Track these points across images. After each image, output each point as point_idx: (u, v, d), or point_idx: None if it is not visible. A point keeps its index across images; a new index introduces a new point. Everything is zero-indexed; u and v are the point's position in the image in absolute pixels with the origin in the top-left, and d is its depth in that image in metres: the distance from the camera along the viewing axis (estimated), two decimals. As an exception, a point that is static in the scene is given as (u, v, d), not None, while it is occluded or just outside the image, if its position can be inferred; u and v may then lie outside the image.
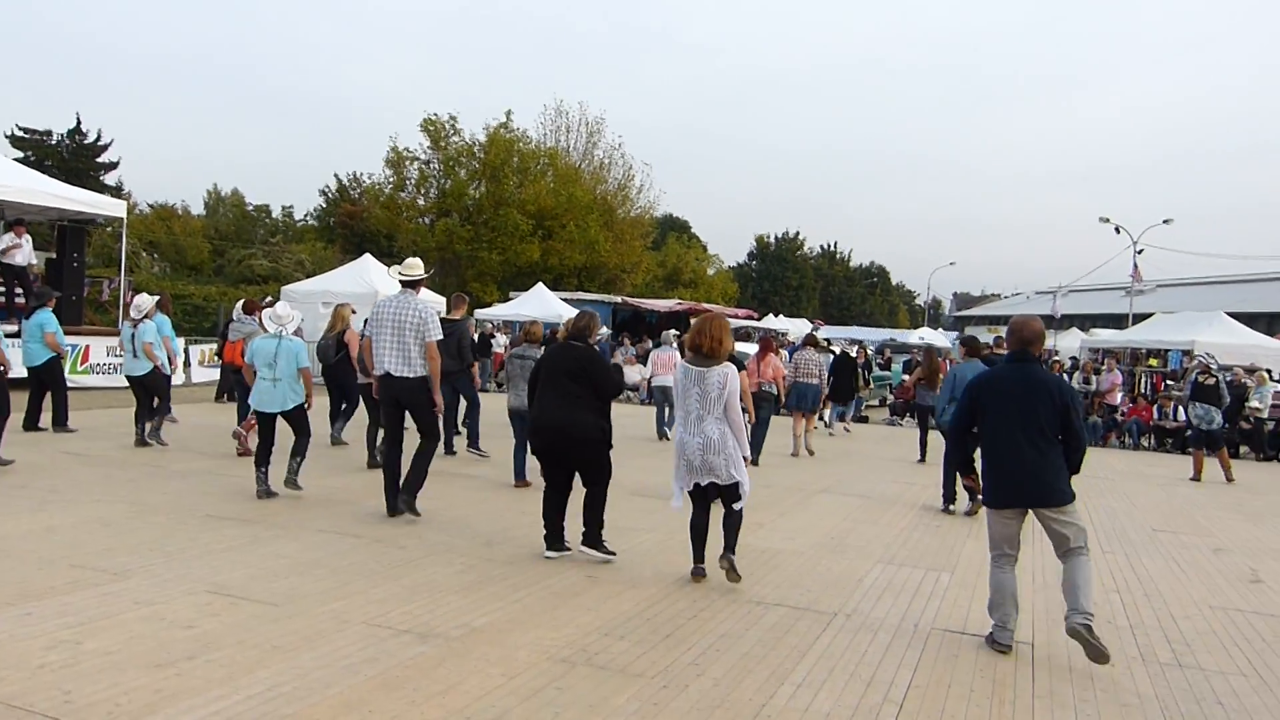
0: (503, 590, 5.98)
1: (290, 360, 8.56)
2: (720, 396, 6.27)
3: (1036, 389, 5.40)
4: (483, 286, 39.83)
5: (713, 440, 6.27)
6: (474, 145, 43.86)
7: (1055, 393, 5.39)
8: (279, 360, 8.51)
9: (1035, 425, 5.34)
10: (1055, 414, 5.35)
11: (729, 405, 6.31)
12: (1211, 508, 11.54)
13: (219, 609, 5.27)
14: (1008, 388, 5.48)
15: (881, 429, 20.76)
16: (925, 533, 8.75)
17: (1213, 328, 23.78)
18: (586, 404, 6.82)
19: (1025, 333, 5.62)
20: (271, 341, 8.60)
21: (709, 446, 6.27)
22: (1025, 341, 5.61)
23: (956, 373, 10.45)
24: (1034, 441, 5.34)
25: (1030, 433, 5.35)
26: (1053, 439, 5.37)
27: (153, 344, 11.35)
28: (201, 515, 7.63)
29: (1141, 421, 20.00)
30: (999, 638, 5.46)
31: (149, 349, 11.31)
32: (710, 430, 6.28)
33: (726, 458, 6.28)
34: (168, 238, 47.79)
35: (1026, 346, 5.60)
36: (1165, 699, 4.81)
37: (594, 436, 6.83)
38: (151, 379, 11.42)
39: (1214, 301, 39.74)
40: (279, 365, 8.51)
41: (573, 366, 6.86)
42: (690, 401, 6.34)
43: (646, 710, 4.22)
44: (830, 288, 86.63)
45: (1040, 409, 5.35)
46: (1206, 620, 6.35)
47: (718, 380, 6.28)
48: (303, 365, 8.64)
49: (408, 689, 4.29)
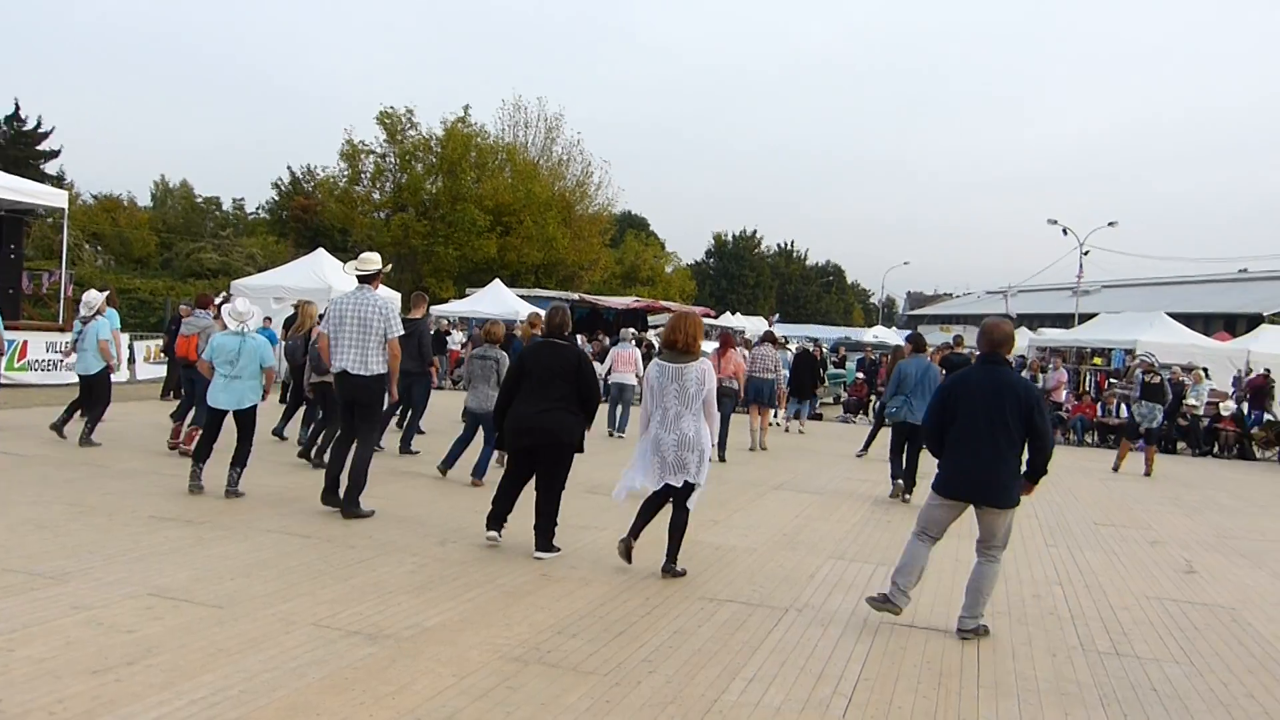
0: (454, 590, 5.94)
1: (253, 358, 8.42)
2: (699, 393, 6.35)
3: (1003, 391, 5.55)
4: (439, 283, 39.51)
5: (689, 437, 6.34)
6: (431, 139, 43.46)
7: (1021, 395, 5.55)
8: (241, 358, 8.37)
9: (1000, 426, 5.51)
10: (1020, 416, 5.50)
11: (707, 401, 6.37)
12: (1149, 501, 11.84)
13: (161, 612, 5.17)
14: (977, 388, 5.64)
15: (835, 426, 20.96)
16: (876, 528, 8.86)
17: (1154, 328, 24.40)
18: (572, 406, 6.81)
19: (996, 335, 5.78)
20: (234, 339, 8.45)
21: (684, 443, 6.33)
22: (996, 344, 5.76)
23: (901, 368, 10.67)
24: (995, 441, 5.51)
25: (994, 433, 5.51)
26: (1015, 440, 5.54)
27: (108, 341, 11.10)
28: (144, 516, 7.47)
29: (1086, 418, 20.42)
30: (892, 596, 5.69)
31: (105, 346, 11.02)
32: (687, 427, 6.34)
33: (700, 454, 6.37)
34: (112, 230, 46.77)
35: (997, 349, 5.76)
36: (1104, 686, 4.94)
37: (575, 441, 6.86)
38: (100, 378, 11.15)
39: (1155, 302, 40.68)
40: (240, 363, 8.37)
41: (566, 368, 6.82)
42: (668, 399, 6.39)
43: (599, 708, 4.23)
44: (787, 286, 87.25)
45: (1006, 410, 5.50)
46: (1143, 610, 6.52)
47: (696, 377, 6.35)
48: (268, 364, 8.51)
49: (357, 690, 4.25)
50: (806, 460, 13.86)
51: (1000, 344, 5.76)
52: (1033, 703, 4.64)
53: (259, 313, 8.94)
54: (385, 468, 10.32)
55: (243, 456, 8.50)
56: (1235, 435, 19.10)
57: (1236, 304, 46.47)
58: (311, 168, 52.20)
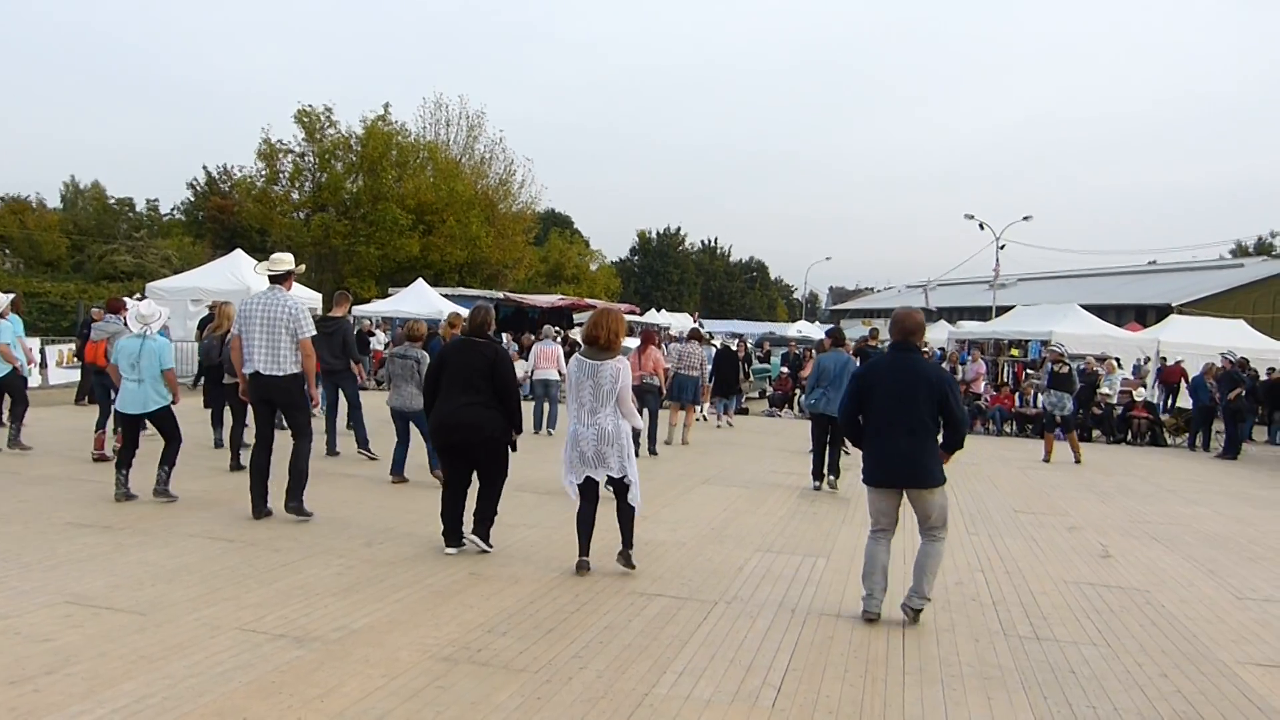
0: (383, 591, 5.89)
1: (153, 361, 8.23)
2: (613, 389, 6.38)
3: (916, 378, 5.71)
4: (361, 282, 38.93)
5: (607, 432, 6.38)
6: (351, 138, 42.77)
7: (934, 381, 5.72)
8: (142, 360, 8.18)
9: (914, 411, 5.67)
10: (934, 401, 5.67)
11: (621, 397, 6.41)
12: (1067, 488, 12.22)
13: (80, 620, 5.03)
14: (889, 376, 5.79)
15: (761, 420, 21.20)
16: (803, 520, 9.01)
17: (1068, 319, 25.19)
18: (490, 402, 6.81)
19: (908, 324, 5.92)
20: (135, 341, 8.26)
21: (603, 438, 6.38)
22: (907, 332, 5.91)
23: (821, 361, 10.91)
24: (911, 427, 5.67)
25: (908, 419, 5.67)
26: (930, 425, 5.71)
27: (9, 345, 10.81)
28: (61, 523, 7.25)
29: (1004, 409, 20.99)
30: (866, 605, 5.83)
31: (6, 350, 10.75)
32: (604, 422, 6.39)
33: (620, 449, 6.41)
34: (20, 232, 45.17)
35: (908, 337, 5.91)
36: (1024, 670, 5.10)
37: (502, 435, 6.87)
38: (9, 381, 10.84)
39: (1070, 294, 41.95)
40: (142, 366, 8.18)
41: (482, 364, 6.83)
42: (584, 394, 6.43)
43: (530, 705, 4.24)
44: (711, 282, 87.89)
45: (919, 396, 5.67)
46: (1062, 595, 6.73)
47: (610, 373, 6.40)
48: (166, 366, 8.31)
49: (285, 694, 4.19)
50: (733, 454, 14.01)
51: (911, 332, 5.91)
52: (956, 688, 4.78)
53: (164, 314, 8.75)
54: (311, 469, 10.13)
55: (169, 455, 8.33)
56: (1148, 423, 19.81)
57: (1147, 295, 48.20)
58: (228, 167, 50.94)
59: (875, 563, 5.84)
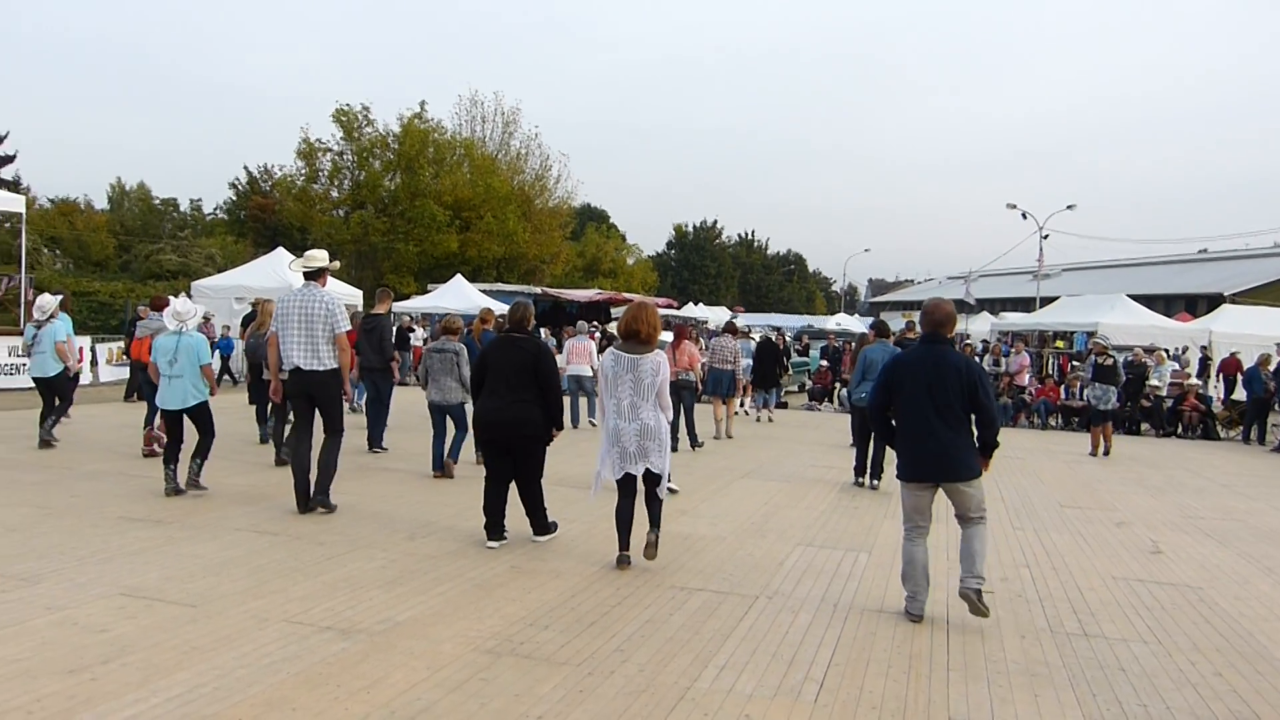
0: (426, 584, 5.95)
1: (190, 357, 8.38)
2: (654, 383, 6.39)
3: (946, 369, 5.62)
4: (400, 279, 39.27)
5: (649, 427, 6.39)
6: (388, 136, 43.15)
7: (964, 372, 5.62)
8: (179, 357, 8.33)
9: (945, 404, 5.59)
10: (963, 393, 5.58)
11: (660, 392, 6.41)
12: (1114, 483, 12.03)
13: (134, 612, 5.14)
14: (919, 368, 5.70)
15: (800, 414, 21.10)
16: (844, 515, 8.95)
17: (1115, 310, 24.76)
18: (534, 399, 6.86)
19: (937, 315, 5.83)
20: (172, 338, 8.42)
21: (645, 433, 6.38)
22: (937, 324, 5.82)
23: (866, 354, 10.77)
24: (944, 419, 5.59)
25: (941, 411, 5.59)
26: (963, 417, 5.62)
27: (64, 343, 11.11)
28: (113, 517, 7.41)
29: (1049, 401, 20.69)
30: (910, 608, 5.75)
31: (61, 349, 11.07)
32: (647, 417, 6.39)
33: (660, 443, 6.43)
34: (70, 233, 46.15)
35: (938, 328, 5.82)
36: (1072, 667, 5.02)
37: (543, 433, 6.93)
38: (59, 380, 11.11)
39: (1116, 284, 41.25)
40: (179, 362, 8.33)
41: (526, 361, 6.88)
42: (623, 389, 6.42)
43: (572, 698, 4.26)
44: (748, 275, 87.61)
45: (950, 388, 5.58)
46: (1110, 591, 6.63)
47: (651, 367, 6.39)
48: (204, 361, 8.47)
49: (331, 685, 4.25)
50: (772, 448, 13.96)
51: (941, 324, 5.82)
52: (1002, 684, 4.73)
53: (200, 311, 8.92)
54: (353, 464, 10.28)
55: (203, 449, 8.51)
56: (1199, 415, 19.40)
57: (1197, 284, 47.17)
58: (269, 167, 51.69)
59: (915, 564, 5.75)
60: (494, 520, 7.01)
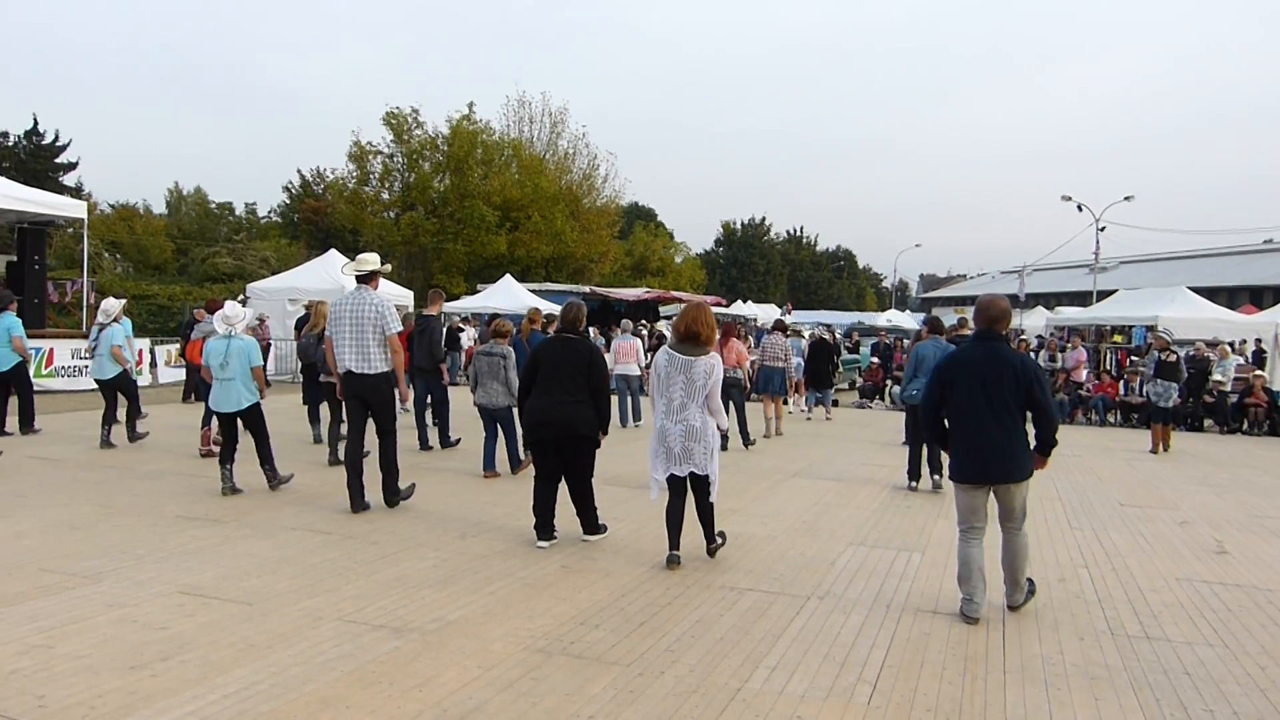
0: (477, 583, 5.98)
1: (242, 360, 8.51)
2: (705, 385, 6.37)
3: (1001, 367, 5.51)
4: (449, 279, 39.65)
5: (695, 428, 6.36)
6: (437, 138, 43.58)
7: (1019, 369, 5.50)
8: (230, 360, 8.47)
9: (1000, 402, 5.48)
10: (1019, 390, 5.47)
11: (711, 394, 6.38)
12: (1176, 481, 11.73)
13: (192, 609, 5.23)
14: (973, 366, 5.60)
15: (851, 412, 20.88)
16: (896, 514, 8.84)
17: (1175, 303, 24.11)
18: (586, 399, 6.89)
19: (992, 311, 5.72)
20: (222, 342, 8.55)
21: (690, 434, 6.36)
22: (991, 320, 5.71)
23: (919, 351, 10.59)
24: (999, 418, 5.49)
25: (995, 410, 5.49)
26: (1017, 416, 5.51)
27: (121, 347, 11.34)
28: (171, 516, 7.56)
29: (1107, 397, 20.26)
30: (966, 610, 5.64)
31: (118, 352, 11.27)
32: (693, 418, 6.37)
33: (706, 446, 6.39)
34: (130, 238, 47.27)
35: (992, 325, 5.70)
36: (1134, 670, 4.89)
37: (592, 433, 6.95)
38: (121, 382, 11.37)
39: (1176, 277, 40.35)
40: (231, 365, 8.47)
41: (579, 362, 6.92)
42: (675, 389, 6.41)
43: (622, 697, 4.25)
44: (797, 272, 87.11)
45: (1005, 386, 5.47)
46: (1173, 592, 6.46)
47: (704, 369, 6.38)
48: (255, 364, 8.59)
49: (384, 683, 4.29)
50: (823, 446, 13.84)
51: (996, 320, 5.70)
52: (1061, 687, 4.62)
53: (249, 314, 9.07)
54: (404, 464, 10.34)
55: (265, 455, 8.69)
56: (1265, 411, 18.81)
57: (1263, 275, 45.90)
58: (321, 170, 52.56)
59: (971, 565, 5.65)
60: (544, 520, 7.03)
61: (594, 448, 7.07)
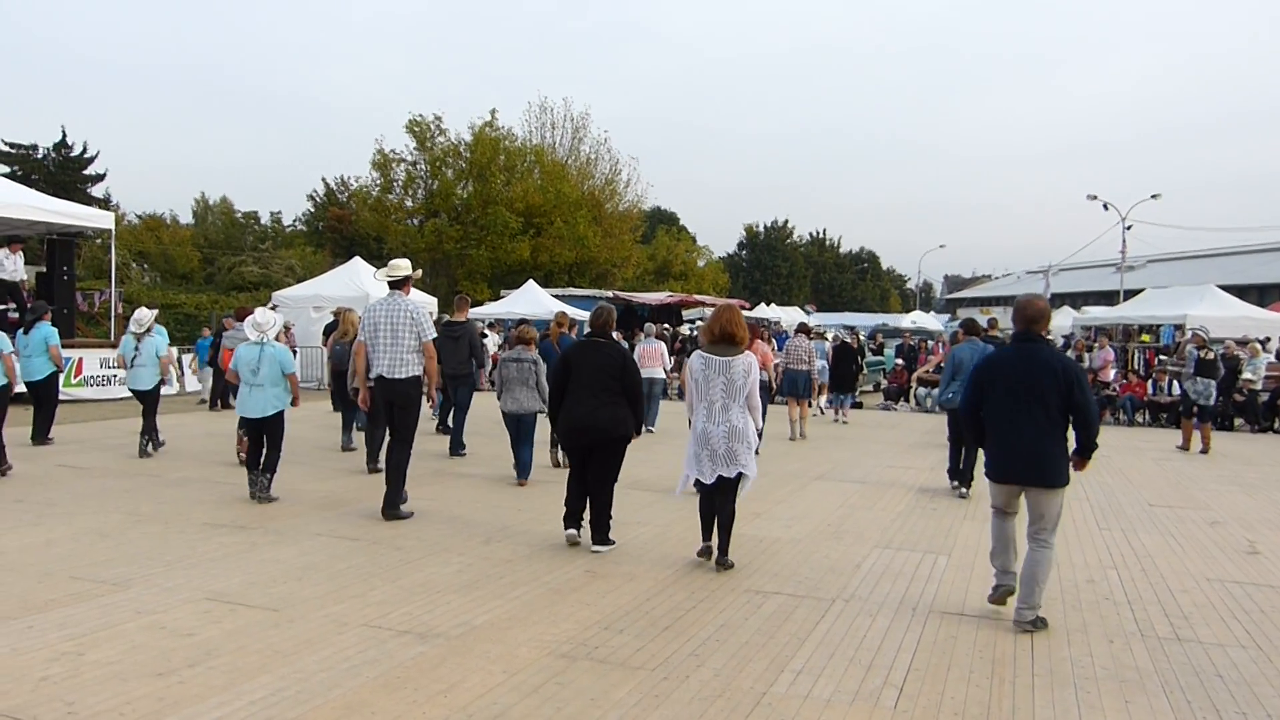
0: (501, 588, 5.99)
1: (274, 366, 8.56)
2: (744, 385, 6.40)
3: (1040, 368, 5.44)
4: (473, 285, 39.80)
5: (737, 429, 6.40)
6: (460, 145, 43.80)
7: (1059, 371, 5.41)
8: (262, 367, 8.52)
9: (1039, 404, 5.40)
10: (1059, 393, 5.38)
11: (751, 393, 6.42)
12: (1207, 480, 11.58)
13: (219, 616, 5.27)
14: (1010, 367, 5.55)
15: (876, 414, 20.78)
16: (922, 516, 8.78)
17: (1204, 301, 23.82)
18: (620, 401, 6.93)
19: (1029, 312, 5.66)
20: (254, 349, 8.61)
21: (734, 434, 6.39)
22: (1029, 320, 5.64)
23: (955, 354, 10.48)
24: (1036, 421, 5.41)
25: (1034, 411, 5.41)
26: (1057, 418, 5.41)
27: (168, 357, 11.58)
28: (198, 523, 7.63)
29: (1135, 397, 20.04)
30: (1000, 581, 5.68)
31: (165, 362, 11.53)
32: (735, 419, 6.41)
33: (748, 445, 6.44)
34: (157, 248, 47.74)
35: (1030, 325, 5.64)
36: (1165, 673, 4.83)
37: (628, 434, 7.00)
38: (152, 394, 11.47)
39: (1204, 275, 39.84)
40: (262, 371, 8.52)
41: (612, 366, 6.95)
42: (715, 391, 6.44)
43: (647, 702, 4.24)
44: (821, 275, 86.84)
45: (1044, 388, 5.39)
46: (1204, 593, 6.37)
47: (743, 369, 6.42)
48: (289, 370, 8.64)
49: (409, 689, 4.30)
50: (847, 449, 13.77)
51: (1034, 320, 5.63)
52: (1090, 691, 4.57)
53: (279, 321, 9.09)
54: (429, 469, 10.44)
55: (271, 463, 8.65)
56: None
57: (1293, 273, 45.27)
58: (345, 178, 52.89)
59: (1004, 538, 5.70)
60: (574, 511, 7.08)
61: (624, 449, 7.10)
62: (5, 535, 7.08)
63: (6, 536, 7.04)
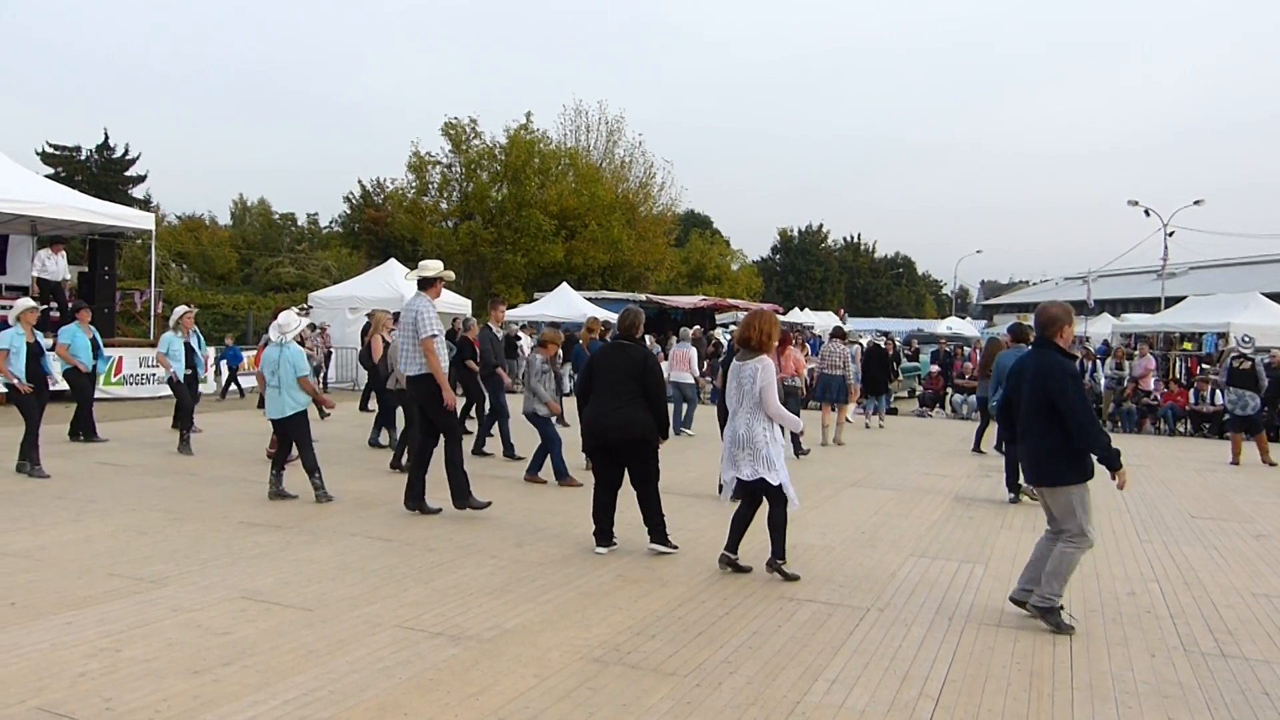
0: (533, 591, 5.98)
1: (289, 369, 8.60)
2: (752, 389, 6.34)
3: (1035, 374, 5.63)
4: (507, 288, 40.01)
5: (739, 436, 6.38)
6: (495, 147, 44.07)
7: (1037, 377, 5.59)
8: (280, 369, 8.59)
9: (1039, 409, 5.60)
10: (1048, 394, 5.53)
11: (762, 399, 6.33)
12: (1252, 492, 11.35)
13: (254, 615, 5.31)
14: (1025, 373, 5.76)
15: (911, 420, 20.60)
16: (958, 525, 8.67)
17: (1248, 309, 23.35)
18: (639, 403, 6.90)
19: (1041, 317, 5.86)
20: (275, 350, 8.68)
21: (736, 440, 6.39)
22: (1040, 326, 5.84)
23: (1002, 360, 10.37)
24: (1031, 423, 5.64)
25: (1036, 416, 5.62)
26: (1042, 423, 5.60)
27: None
28: (235, 522, 7.70)
29: (1177, 407, 19.70)
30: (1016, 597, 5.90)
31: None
32: (740, 424, 6.40)
33: (752, 452, 6.32)
34: (196, 248, 48.41)
35: (1041, 331, 5.81)
36: (1209, 689, 4.72)
37: (651, 436, 6.94)
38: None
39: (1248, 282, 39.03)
40: (280, 374, 8.59)
41: (633, 368, 6.93)
42: (730, 395, 6.49)
43: (680, 709, 4.21)
44: (855, 279, 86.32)
45: (1036, 393, 5.60)
46: (1249, 608, 6.23)
47: (749, 373, 6.39)
48: (301, 373, 8.63)
49: (441, 691, 4.30)
50: (882, 456, 13.65)
51: (1044, 326, 5.76)
52: (1132, 706, 4.47)
53: (301, 324, 9.16)
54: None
55: (307, 464, 8.68)
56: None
57: (1342, 280, 44.27)
58: (381, 180, 53.32)
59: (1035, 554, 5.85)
60: (603, 527, 7.04)
61: (651, 452, 7.01)
62: (46, 532, 7.19)
63: (47, 533, 7.14)
